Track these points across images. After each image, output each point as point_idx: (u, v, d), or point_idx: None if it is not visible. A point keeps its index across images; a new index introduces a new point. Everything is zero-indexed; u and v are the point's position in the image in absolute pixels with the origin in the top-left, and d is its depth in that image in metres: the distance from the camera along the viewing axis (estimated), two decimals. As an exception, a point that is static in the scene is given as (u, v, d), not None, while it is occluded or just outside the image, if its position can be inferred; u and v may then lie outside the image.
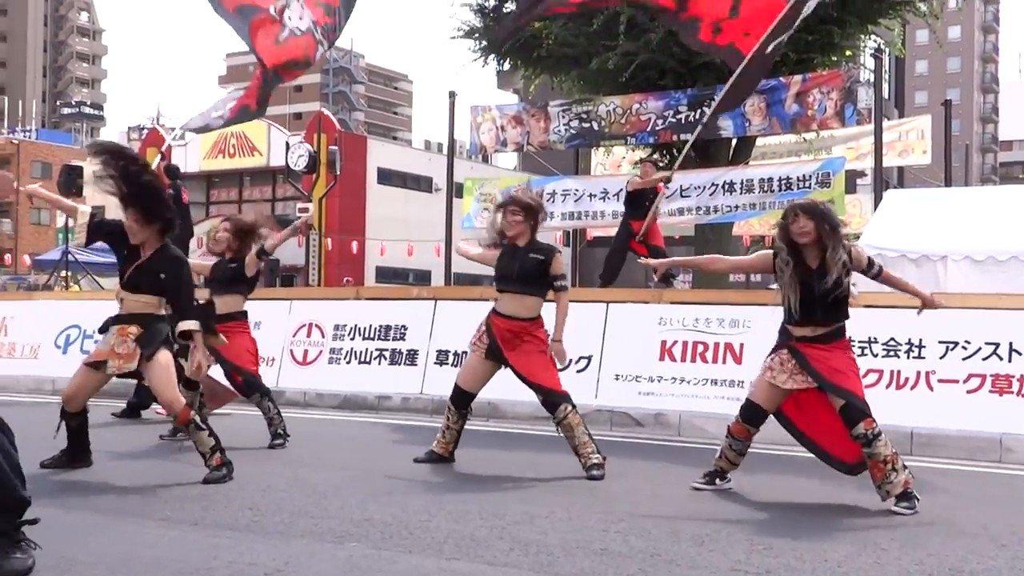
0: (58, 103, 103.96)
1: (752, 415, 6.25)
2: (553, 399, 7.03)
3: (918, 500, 5.84)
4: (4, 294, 23.94)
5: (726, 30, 9.95)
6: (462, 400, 7.33)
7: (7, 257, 42.68)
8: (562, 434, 7.07)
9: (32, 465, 6.45)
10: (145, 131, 51.41)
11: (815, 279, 5.97)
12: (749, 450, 6.49)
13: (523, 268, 7.07)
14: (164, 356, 6.53)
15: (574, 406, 7.07)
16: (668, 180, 13.50)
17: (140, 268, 6.48)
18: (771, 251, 6.39)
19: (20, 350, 13.70)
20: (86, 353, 8.69)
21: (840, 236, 6.06)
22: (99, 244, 7.24)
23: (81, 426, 6.85)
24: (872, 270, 6.22)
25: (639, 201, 13.26)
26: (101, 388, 6.88)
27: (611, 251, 13.80)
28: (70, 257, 23.74)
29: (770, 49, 10.63)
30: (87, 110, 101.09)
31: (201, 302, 7.48)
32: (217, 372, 8.17)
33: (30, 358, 13.47)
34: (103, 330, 6.66)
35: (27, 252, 47.90)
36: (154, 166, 10.41)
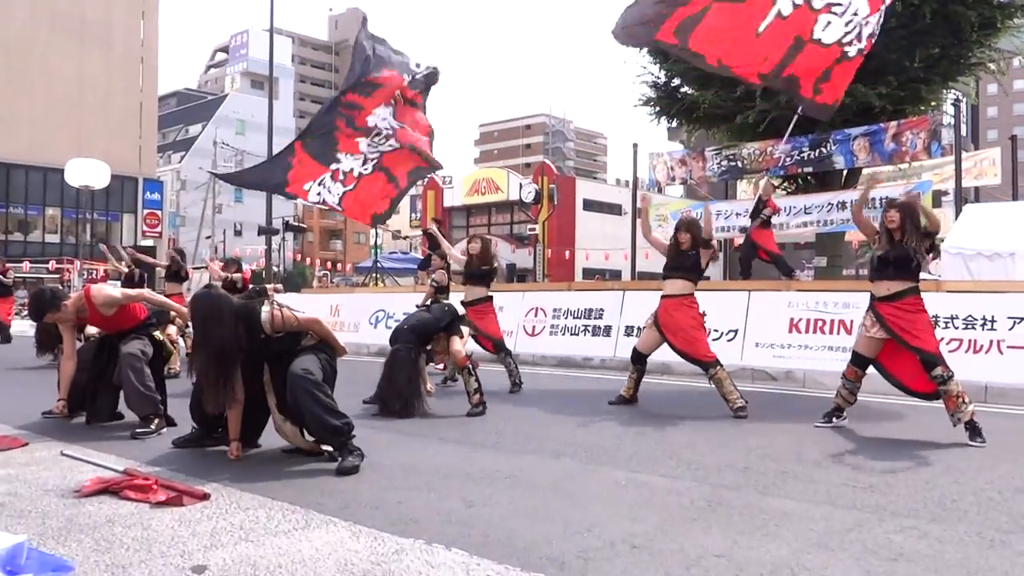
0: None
1: (858, 361, 6.05)
2: (703, 365, 6.94)
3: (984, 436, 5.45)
4: (336, 289, 25.31)
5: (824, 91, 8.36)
6: (639, 358, 7.33)
7: (338, 265, 45.14)
8: (714, 386, 6.93)
9: (356, 400, 6.83)
10: (426, 179, 53.16)
11: (894, 248, 5.78)
12: (858, 401, 6.21)
13: (685, 261, 7.04)
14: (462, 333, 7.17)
15: (721, 365, 6.92)
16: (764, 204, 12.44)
17: None
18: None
19: (346, 326, 14.44)
20: (389, 328, 9.00)
21: (919, 229, 5.76)
22: (396, 254, 7.52)
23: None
24: (929, 254, 5.92)
25: (756, 213, 12.42)
26: None
27: (742, 255, 13.23)
28: (379, 265, 24.95)
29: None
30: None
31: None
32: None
33: (352, 331, 14.16)
34: None
35: (351, 261, 50.51)
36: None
